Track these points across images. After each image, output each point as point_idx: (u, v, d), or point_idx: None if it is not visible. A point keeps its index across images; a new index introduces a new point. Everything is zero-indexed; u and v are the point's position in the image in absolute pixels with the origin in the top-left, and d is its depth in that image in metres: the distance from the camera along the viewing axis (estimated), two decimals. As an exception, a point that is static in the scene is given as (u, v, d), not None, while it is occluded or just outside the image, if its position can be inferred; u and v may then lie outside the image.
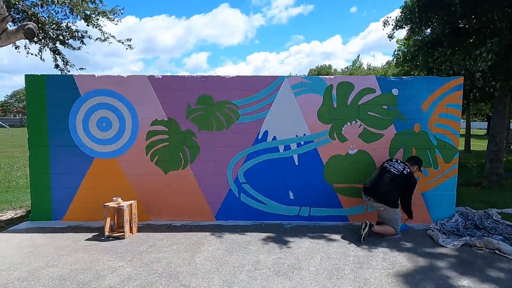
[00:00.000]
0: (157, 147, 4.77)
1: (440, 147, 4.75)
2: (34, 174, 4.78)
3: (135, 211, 4.28)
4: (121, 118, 4.75)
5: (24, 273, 3.20)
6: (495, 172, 7.49)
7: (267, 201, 4.85)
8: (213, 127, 4.77)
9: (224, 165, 4.81)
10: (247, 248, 3.83)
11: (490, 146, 7.67)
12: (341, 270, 3.29)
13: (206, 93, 4.73)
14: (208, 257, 3.59)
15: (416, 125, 4.73)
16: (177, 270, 3.28)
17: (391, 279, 3.13)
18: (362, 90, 4.71)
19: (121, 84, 4.71)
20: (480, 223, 4.51)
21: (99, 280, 3.08)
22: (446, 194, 4.77)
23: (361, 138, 4.76)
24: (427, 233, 4.36)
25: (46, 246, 3.89)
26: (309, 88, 4.72)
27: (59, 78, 4.74)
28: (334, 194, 4.82)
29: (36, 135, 4.74)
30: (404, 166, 4.29)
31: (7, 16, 4.31)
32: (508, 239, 4.02)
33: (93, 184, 4.77)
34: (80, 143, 4.75)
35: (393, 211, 4.16)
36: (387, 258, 3.57)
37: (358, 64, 37.24)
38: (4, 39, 4.44)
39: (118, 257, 3.58)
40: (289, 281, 3.07)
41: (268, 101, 4.74)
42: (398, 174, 4.19)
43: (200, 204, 4.84)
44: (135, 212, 4.27)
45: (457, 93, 4.69)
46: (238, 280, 3.08)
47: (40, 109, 4.71)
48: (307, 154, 4.78)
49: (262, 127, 4.77)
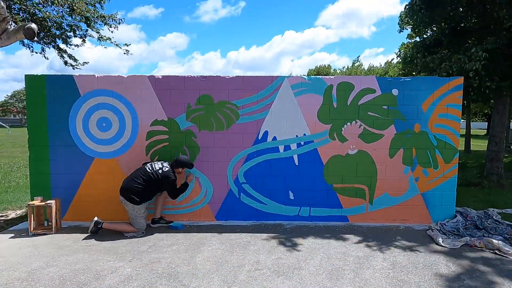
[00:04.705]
0: (157, 147, 4.77)
1: (440, 147, 4.75)
2: (34, 174, 4.78)
3: (59, 208, 4.49)
4: (121, 118, 4.75)
5: (24, 273, 3.19)
6: (495, 172, 7.50)
7: (267, 201, 4.85)
8: (213, 127, 4.77)
9: (224, 165, 4.81)
10: (247, 248, 3.83)
11: (490, 146, 7.67)
12: (341, 270, 3.29)
13: (206, 93, 4.73)
14: (208, 257, 3.59)
15: (416, 125, 4.73)
16: (177, 270, 3.28)
17: (391, 279, 3.13)
18: (362, 90, 4.71)
19: (121, 84, 4.71)
20: (480, 223, 4.51)
21: (99, 280, 3.08)
22: (446, 194, 4.77)
23: (361, 138, 4.76)
24: (427, 233, 4.36)
25: (46, 246, 3.89)
26: (309, 88, 4.72)
27: (59, 78, 4.73)
28: (334, 194, 4.82)
29: (36, 135, 4.74)
30: (162, 166, 4.34)
31: (8, 16, 4.31)
32: (508, 239, 4.02)
33: (93, 184, 4.77)
34: (80, 143, 4.75)
35: (131, 206, 4.20)
36: (387, 258, 3.58)
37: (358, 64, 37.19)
38: (4, 39, 4.43)
39: (118, 257, 3.58)
40: (289, 281, 3.07)
41: (268, 101, 4.74)
42: (150, 172, 4.24)
43: (200, 204, 4.85)
44: (59, 209, 4.49)
45: (457, 93, 4.69)
46: (238, 280, 3.08)
47: (40, 109, 4.71)
48: (307, 154, 4.78)
49: (262, 127, 4.77)
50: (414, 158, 4.76)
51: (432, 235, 4.23)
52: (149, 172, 4.25)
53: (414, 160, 4.76)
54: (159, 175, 4.24)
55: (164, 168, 4.32)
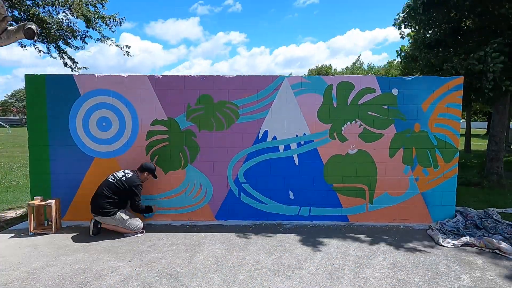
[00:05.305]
0: (157, 147, 4.77)
1: (440, 147, 4.75)
2: (34, 174, 4.78)
3: (59, 208, 4.48)
4: (121, 118, 4.75)
5: (24, 273, 3.20)
6: (495, 172, 7.49)
7: (267, 201, 4.85)
8: (213, 127, 4.77)
9: (224, 165, 4.81)
10: (247, 248, 3.83)
11: (490, 146, 7.67)
12: (341, 270, 3.29)
13: (206, 93, 4.73)
14: (208, 257, 3.59)
15: (416, 125, 4.73)
16: (177, 270, 3.28)
17: (391, 279, 3.13)
18: (362, 90, 4.71)
19: (121, 84, 4.71)
20: (480, 223, 4.51)
21: (99, 280, 3.08)
22: (446, 194, 4.77)
23: (361, 138, 4.76)
24: (427, 233, 4.36)
25: (46, 246, 3.89)
26: (309, 88, 4.72)
27: (59, 78, 4.73)
28: (334, 194, 4.82)
29: (36, 135, 4.74)
30: (125, 173, 4.34)
31: (7, 16, 4.30)
32: (508, 239, 4.02)
33: (93, 184, 4.75)
34: (80, 143, 4.75)
35: (110, 219, 4.17)
36: (387, 258, 3.58)
37: (358, 64, 37.18)
38: (4, 38, 4.43)
39: (118, 257, 3.58)
40: (289, 281, 3.07)
41: (268, 100, 4.74)
42: (113, 181, 4.23)
43: (200, 203, 4.84)
44: (59, 209, 4.48)
45: (457, 93, 4.69)
46: (238, 280, 3.08)
47: (40, 109, 4.71)
48: (307, 154, 4.78)
49: (262, 127, 4.77)
50: (414, 157, 4.76)
51: (432, 235, 4.23)
52: (113, 182, 4.24)
53: (414, 159, 4.76)
54: (123, 182, 4.24)
55: (127, 174, 4.33)
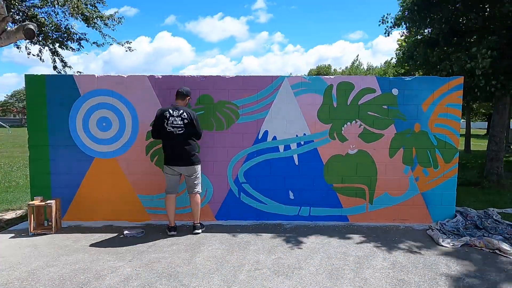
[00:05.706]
0: (157, 146, 4.76)
1: (440, 147, 4.75)
2: (34, 174, 4.78)
3: (59, 208, 4.48)
4: (121, 118, 4.75)
5: (24, 273, 3.20)
6: (495, 172, 7.49)
7: (267, 201, 4.85)
8: (213, 127, 4.77)
9: (224, 165, 4.81)
10: (247, 248, 3.83)
11: (490, 146, 7.66)
12: (341, 270, 3.29)
13: (206, 93, 4.73)
14: (208, 257, 3.59)
15: (416, 125, 4.73)
16: (177, 270, 3.28)
17: (391, 279, 3.13)
18: (362, 90, 4.71)
19: (121, 84, 4.71)
20: (480, 223, 4.51)
21: (99, 280, 3.08)
22: (446, 194, 4.77)
23: (361, 138, 4.76)
24: (427, 233, 4.36)
25: (46, 246, 3.89)
26: (309, 88, 4.72)
27: (59, 78, 4.73)
28: (334, 194, 4.82)
29: (36, 135, 4.74)
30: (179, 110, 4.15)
31: (7, 16, 4.31)
32: (508, 239, 4.02)
33: (93, 184, 4.77)
34: (80, 143, 4.75)
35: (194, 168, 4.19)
36: (387, 258, 3.58)
37: (357, 64, 37.18)
38: (4, 39, 4.44)
39: (118, 257, 3.58)
40: (289, 281, 3.07)
41: (268, 101, 4.74)
42: (180, 124, 4.10)
43: (200, 203, 4.83)
44: (59, 209, 4.47)
45: (457, 93, 4.69)
46: (238, 280, 3.08)
47: (40, 109, 4.70)
48: (307, 154, 4.78)
49: (262, 127, 4.77)
50: (414, 157, 4.76)
51: (432, 235, 4.23)
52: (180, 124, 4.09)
53: (414, 159, 4.76)
54: (188, 115, 4.13)
55: (179, 110, 4.15)
